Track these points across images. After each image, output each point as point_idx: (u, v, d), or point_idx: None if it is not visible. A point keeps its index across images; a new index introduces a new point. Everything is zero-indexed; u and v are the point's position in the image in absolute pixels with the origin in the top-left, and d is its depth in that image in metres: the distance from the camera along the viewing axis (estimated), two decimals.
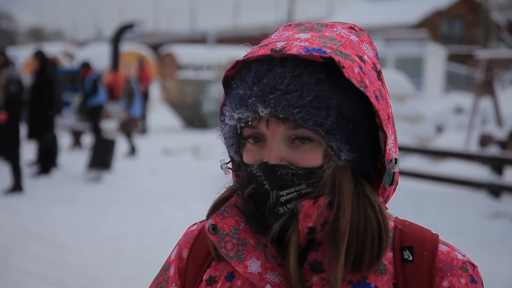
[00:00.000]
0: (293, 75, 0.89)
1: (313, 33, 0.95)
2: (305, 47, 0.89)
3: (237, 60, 0.94)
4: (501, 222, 6.75)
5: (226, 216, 0.97)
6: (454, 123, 16.83)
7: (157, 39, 51.40)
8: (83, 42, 52.18)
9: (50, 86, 9.15)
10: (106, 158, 9.90)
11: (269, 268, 0.93)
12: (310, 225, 0.91)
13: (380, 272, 0.95)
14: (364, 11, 38.09)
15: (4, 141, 8.17)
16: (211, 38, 30.60)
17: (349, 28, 0.99)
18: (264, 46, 0.92)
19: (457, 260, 0.96)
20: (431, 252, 0.96)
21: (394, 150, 0.96)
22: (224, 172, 1.05)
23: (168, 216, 7.27)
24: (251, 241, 0.95)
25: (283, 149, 0.92)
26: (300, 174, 0.91)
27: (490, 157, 8.01)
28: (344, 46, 0.93)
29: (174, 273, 1.08)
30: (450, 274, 0.95)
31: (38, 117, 9.05)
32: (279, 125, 0.91)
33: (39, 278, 5.05)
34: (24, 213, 7.22)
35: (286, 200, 0.92)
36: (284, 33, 0.98)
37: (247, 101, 0.91)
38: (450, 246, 0.99)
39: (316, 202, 0.91)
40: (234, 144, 1.01)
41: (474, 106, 11.87)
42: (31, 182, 8.91)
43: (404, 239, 0.98)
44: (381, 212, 0.94)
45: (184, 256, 1.08)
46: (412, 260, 0.96)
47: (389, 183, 0.97)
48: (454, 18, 36.95)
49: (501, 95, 14.53)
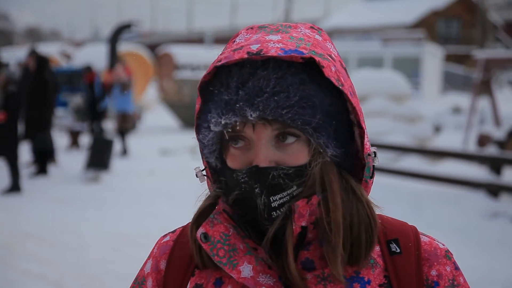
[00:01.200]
0: (278, 77, 0.89)
1: (281, 34, 0.96)
2: (282, 48, 0.90)
3: (215, 66, 0.93)
4: (499, 222, 6.76)
5: (216, 223, 0.97)
6: (452, 123, 16.86)
7: (154, 39, 51.36)
8: (80, 42, 52.06)
9: (45, 87, 9.13)
10: (104, 158, 9.89)
11: (260, 271, 0.94)
12: (303, 224, 0.92)
13: (371, 265, 0.97)
14: (361, 11, 38.10)
15: (2, 141, 8.15)
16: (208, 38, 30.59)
17: (310, 28, 1.01)
18: (238, 50, 0.92)
19: (440, 249, 1.01)
20: (415, 243, 1.00)
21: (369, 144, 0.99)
22: (200, 180, 1.04)
23: (166, 216, 7.27)
24: (241, 246, 0.96)
25: (270, 151, 0.92)
26: (290, 174, 0.92)
27: (488, 157, 8.03)
28: (314, 46, 0.94)
29: (152, 285, 1.06)
30: (436, 263, 0.99)
31: (31, 117, 9.03)
32: (266, 127, 0.91)
33: (38, 278, 5.04)
34: (22, 213, 7.20)
35: (280, 204, 0.93)
36: (250, 36, 0.98)
37: (234, 106, 0.90)
38: (429, 237, 1.04)
39: (309, 201, 0.92)
40: (216, 150, 0.99)
41: (472, 106, 11.89)
42: (29, 182, 8.89)
43: (387, 232, 1.01)
44: (369, 205, 0.97)
45: (161, 267, 1.06)
46: (400, 252, 0.99)
47: (369, 176, 0.99)
48: (451, 18, 36.99)
49: (498, 95, 14.56)
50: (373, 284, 0.96)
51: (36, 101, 9.02)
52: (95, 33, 72.89)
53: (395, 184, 8.18)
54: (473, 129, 12.11)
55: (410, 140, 10.63)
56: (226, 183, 0.98)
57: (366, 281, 0.96)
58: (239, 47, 0.93)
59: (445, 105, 19.58)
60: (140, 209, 7.56)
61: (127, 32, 20.58)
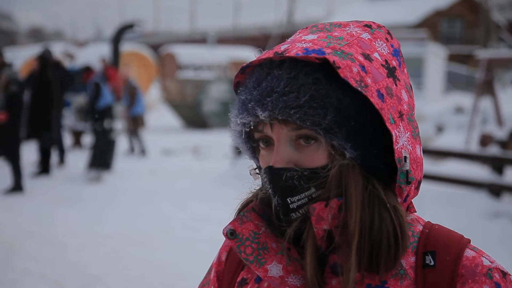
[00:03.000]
0: (290, 77, 0.89)
1: (321, 33, 0.95)
2: (305, 48, 0.89)
3: (243, 66, 0.95)
4: (501, 222, 6.74)
5: (245, 221, 0.97)
6: (454, 123, 16.82)
7: (157, 39, 51.37)
8: (83, 42, 52.10)
9: (50, 87, 9.17)
10: (106, 158, 9.91)
11: (291, 271, 0.93)
12: (325, 228, 0.91)
13: (400, 276, 0.92)
14: (364, 11, 38.07)
15: (4, 141, 8.16)
16: (211, 38, 30.58)
17: (364, 26, 0.98)
18: (271, 50, 0.93)
19: (482, 266, 0.92)
20: (455, 257, 0.93)
21: (409, 148, 0.93)
22: (253, 178, 1.04)
23: (168, 216, 7.27)
24: (273, 245, 0.95)
25: (289, 152, 0.92)
26: (305, 176, 0.91)
27: (491, 157, 8.01)
28: (349, 45, 0.92)
29: (213, 276, 1.10)
30: (471, 280, 0.91)
31: (37, 117, 9.05)
32: (281, 128, 0.91)
33: (39, 278, 5.04)
34: (24, 213, 7.22)
35: (298, 206, 0.92)
36: (299, 35, 0.98)
37: (247, 105, 0.92)
38: (478, 252, 0.95)
39: (328, 205, 0.90)
40: (250, 149, 1.01)
41: (475, 106, 11.87)
42: (31, 182, 8.91)
43: (428, 243, 0.95)
44: (396, 212, 0.92)
45: (222, 259, 1.10)
46: (433, 266, 0.93)
47: (405, 182, 0.93)
48: (454, 18, 36.93)
49: (501, 95, 14.53)
50: None
51: (41, 101, 9.04)
52: (98, 33, 72.98)
53: None
54: (476, 129, 12.08)
55: None
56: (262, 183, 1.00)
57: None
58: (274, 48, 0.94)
59: (447, 105, 19.53)
60: (141, 209, 7.56)
61: (130, 32, 20.60)
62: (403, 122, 0.93)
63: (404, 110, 0.94)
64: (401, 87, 0.96)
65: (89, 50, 24.93)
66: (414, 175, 0.95)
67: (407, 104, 0.95)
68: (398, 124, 0.92)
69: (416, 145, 0.95)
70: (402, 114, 0.93)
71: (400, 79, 0.96)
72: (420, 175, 0.97)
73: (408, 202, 0.99)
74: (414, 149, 0.95)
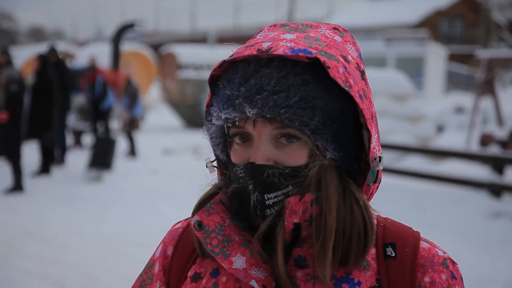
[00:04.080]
0: (280, 76, 0.90)
1: (298, 33, 0.96)
2: (291, 48, 0.90)
3: (224, 60, 0.95)
4: (501, 222, 6.75)
5: (211, 213, 0.97)
6: (455, 122, 16.83)
7: (157, 39, 51.36)
8: (84, 41, 52.10)
9: (50, 86, 9.17)
10: (106, 158, 9.91)
11: (254, 264, 0.94)
12: (296, 221, 0.93)
13: (364, 267, 0.97)
14: (365, 11, 38.07)
15: (5, 140, 8.17)
16: (211, 38, 30.57)
17: (333, 28, 1.01)
18: (250, 47, 0.93)
19: (438, 256, 0.98)
20: (413, 248, 0.99)
21: (377, 149, 0.98)
22: (210, 170, 1.06)
23: (168, 216, 7.26)
24: (236, 237, 0.96)
25: (269, 149, 0.93)
26: (286, 174, 0.93)
27: (491, 157, 8.01)
28: (328, 47, 0.94)
29: (158, 270, 1.09)
30: (431, 270, 0.97)
31: (38, 116, 9.05)
32: (265, 125, 0.92)
33: (39, 278, 5.05)
34: (24, 213, 7.22)
35: (274, 202, 0.93)
36: (269, 33, 0.99)
37: (235, 101, 0.92)
38: (431, 243, 1.01)
39: (302, 198, 0.92)
40: (221, 144, 1.02)
41: (475, 105, 11.88)
42: (31, 181, 8.91)
43: (386, 236, 1.00)
44: (367, 209, 0.96)
45: (168, 253, 1.09)
46: (394, 256, 0.98)
47: (373, 180, 0.98)
48: (454, 17, 36.92)
49: (501, 94, 14.53)
50: (363, 286, 0.95)
51: (42, 101, 9.05)
52: (98, 33, 72.94)
53: (398, 184, 8.17)
54: (476, 128, 12.09)
55: (413, 140, 10.61)
56: (229, 177, 1.00)
57: (356, 282, 0.95)
58: (252, 44, 0.94)
59: (448, 105, 19.54)
60: (142, 209, 7.56)
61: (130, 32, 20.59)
62: (374, 124, 0.98)
63: (373, 112, 0.98)
64: (370, 90, 1.00)
65: (90, 49, 24.92)
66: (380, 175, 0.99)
67: (374, 107, 1.00)
68: (371, 125, 0.96)
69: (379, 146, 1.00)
70: (373, 116, 0.98)
71: (368, 82, 1.00)
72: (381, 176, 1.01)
73: (370, 199, 1.02)
74: (380, 150, 0.99)
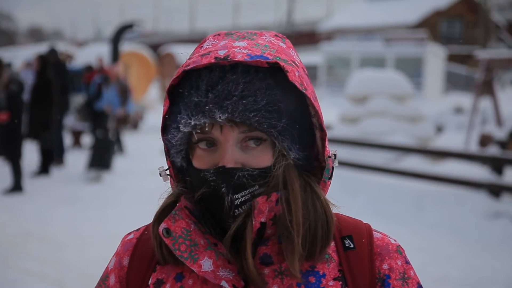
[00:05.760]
0: (246, 81, 0.94)
1: (247, 41, 1.00)
2: (248, 54, 0.94)
3: (183, 70, 0.98)
4: (501, 222, 6.75)
5: (177, 219, 1.01)
6: (454, 123, 16.84)
7: (156, 39, 51.34)
8: (83, 42, 52.07)
9: (50, 87, 9.17)
10: (106, 158, 9.90)
11: (220, 265, 0.98)
12: (262, 220, 0.97)
13: (327, 260, 1.02)
14: (364, 11, 38.07)
15: (5, 141, 8.17)
16: None
17: (275, 36, 1.05)
18: (206, 55, 0.96)
19: (391, 244, 1.07)
20: (368, 239, 1.06)
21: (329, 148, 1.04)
22: (163, 179, 1.09)
23: None
24: (202, 241, 0.99)
25: (236, 152, 0.97)
26: (255, 175, 0.97)
27: (490, 157, 8.02)
28: (279, 53, 0.98)
29: (115, 281, 1.10)
30: (388, 257, 1.05)
31: (36, 117, 9.05)
32: (233, 130, 0.96)
33: (39, 278, 5.04)
34: (24, 213, 7.21)
35: (241, 202, 0.97)
36: (217, 42, 1.02)
37: (204, 107, 0.94)
38: (382, 233, 1.09)
39: (269, 198, 0.96)
40: (183, 150, 1.04)
41: (474, 106, 11.89)
42: (31, 182, 8.91)
43: (342, 229, 1.07)
44: (327, 204, 1.02)
45: (124, 264, 1.11)
46: (353, 248, 1.04)
47: (328, 177, 1.04)
48: (453, 18, 36.93)
49: (500, 95, 14.54)
50: (328, 277, 1.01)
51: (41, 101, 9.05)
52: (97, 33, 72.87)
53: (397, 184, 8.18)
54: (475, 129, 12.10)
55: (412, 140, 10.61)
56: (191, 182, 1.02)
57: (321, 274, 1.01)
58: (206, 52, 0.97)
59: (447, 105, 19.55)
60: (141, 209, 7.53)
61: (129, 32, 20.60)
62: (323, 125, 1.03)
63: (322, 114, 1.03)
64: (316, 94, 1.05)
65: (89, 50, 24.92)
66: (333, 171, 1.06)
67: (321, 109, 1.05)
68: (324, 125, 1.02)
69: None
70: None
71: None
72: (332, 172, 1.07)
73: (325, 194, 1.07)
74: None
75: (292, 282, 0.98)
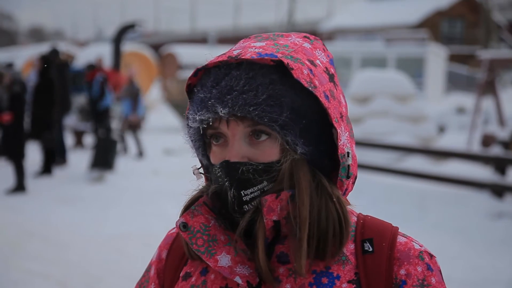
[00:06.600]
0: (248, 77, 0.96)
1: (268, 41, 1.04)
2: (258, 53, 0.97)
3: (197, 68, 1.02)
4: (504, 222, 6.75)
5: (196, 215, 1.03)
6: (456, 123, 16.84)
7: (157, 39, 51.37)
8: (84, 42, 52.14)
9: (51, 87, 9.17)
10: (108, 158, 9.90)
11: (239, 261, 0.99)
12: (274, 219, 0.97)
13: (342, 262, 1.01)
14: (365, 11, 38.05)
15: (8, 141, 8.17)
16: (211, 38, 30.62)
17: (303, 37, 1.09)
18: (223, 55, 1.00)
19: (414, 249, 1.03)
20: (390, 243, 1.03)
21: (348, 146, 1.03)
22: (196, 177, 1.11)
23: (170, 216, 7.25)
24: (222, 237, 1.01)
25: (243, 147, 0.99)
26: (260, 169, 0.98)
27: (493, 157, 8.01)
28: (296, 52, 1.01)
29: (153, 273, 1.16)
30: (407, 262, 1.01)
31: (38, 117, 9.06)
32: (238, 124, 0.98)
33: (42, 278, 5.04)
34: (26, 213, 7.22)
35: (251, 198, 0.98)
36: (244, 44, 1.05)
37: (207, 103, 0.98)
38: (408, 238, 1.06)
39: (279, 196, 0.97)
40: (200, 147, 1.07)
41: (476, 106, 11.88)
42: (33, 182, 8.91)
43: (365, 232, 1.05)
44: (340, 203, 1.00)
45: (163, 256, 1.16)
46: (372, 251, 1.02)
47: (346, 176, 1.03)
48: (455, 18, 36.92)
49: (502, 95, 14.53)
50: (342, 279, 1.00)
51: (42, 101, 9.05)
52: (98, 33, 72.89)
53: (399, 184, 8.17)
54: (477, 129, 12.09)
55: (414, 140, 10.61)
56: (211, 179, 1.05)
57: (335, 276, 1.00)
58: (225, 53, 1.01)
59: (449, 105, 19.55)
60: (143, 209, 7.56)
61: (130, 32, 20.60)
62: (344, 123, 1.03)
63: (343, 112, 1.04)
64: (340, 92, 1.06)
65: (90, 50, 24.93)
66: (353, 170, 1.04)
67: (345, 107, 1.06)
68: (340, 123, 1.01)
69: (353, 144, 1.06)
70: (342, 115, 1.03)
71: (338, 85, 1.07)
72: (356, 172, 1.07)
73: (346, 195, 1.07)
74: (352, 147, 1.05)
75: (305, 281, 0.98)
